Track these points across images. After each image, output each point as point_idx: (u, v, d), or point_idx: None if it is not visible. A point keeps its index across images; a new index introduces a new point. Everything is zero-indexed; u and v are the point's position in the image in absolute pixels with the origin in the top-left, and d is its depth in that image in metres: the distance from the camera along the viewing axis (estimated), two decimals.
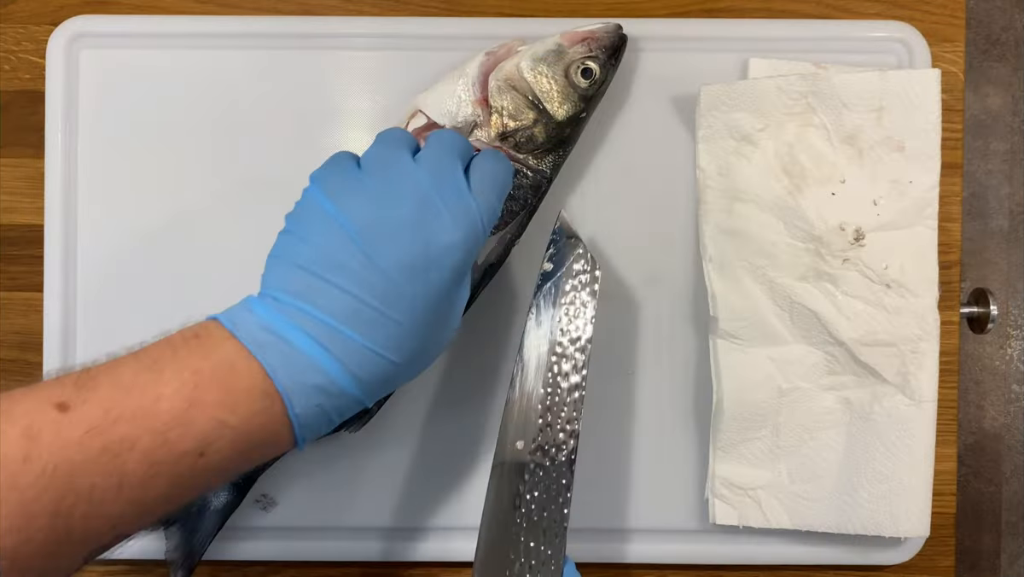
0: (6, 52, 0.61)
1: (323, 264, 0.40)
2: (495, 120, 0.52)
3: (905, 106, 0.55)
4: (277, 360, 0.38)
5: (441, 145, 0.44)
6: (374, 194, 0.41)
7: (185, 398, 0.37)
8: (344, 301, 0.39)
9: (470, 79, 0.53)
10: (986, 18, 1.26)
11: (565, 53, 0.53)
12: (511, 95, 0.53)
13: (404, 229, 0.40)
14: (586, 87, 0.53)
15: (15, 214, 0.60)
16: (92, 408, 0.35)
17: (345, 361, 0.39)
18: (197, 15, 0.60)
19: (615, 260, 0.59)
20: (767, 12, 0.61)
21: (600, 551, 0.59)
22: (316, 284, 0.39)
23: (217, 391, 0.37)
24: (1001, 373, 1.24)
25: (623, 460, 0.59)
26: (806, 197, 0.55)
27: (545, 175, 0.54)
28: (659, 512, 0.59)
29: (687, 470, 0.59)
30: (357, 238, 0.40)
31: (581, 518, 0.59)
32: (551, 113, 0.53)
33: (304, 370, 0.38)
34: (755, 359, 0.56)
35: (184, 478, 0.37)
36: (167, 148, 0.59)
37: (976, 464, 1.24)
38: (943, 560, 0.61)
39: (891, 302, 0.55)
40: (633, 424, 0.59)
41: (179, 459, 0.36)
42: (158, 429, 0.36)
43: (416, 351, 0.41)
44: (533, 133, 0.53)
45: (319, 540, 0.58)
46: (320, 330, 0.39)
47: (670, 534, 0.59)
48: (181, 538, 0.55)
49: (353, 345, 0.39)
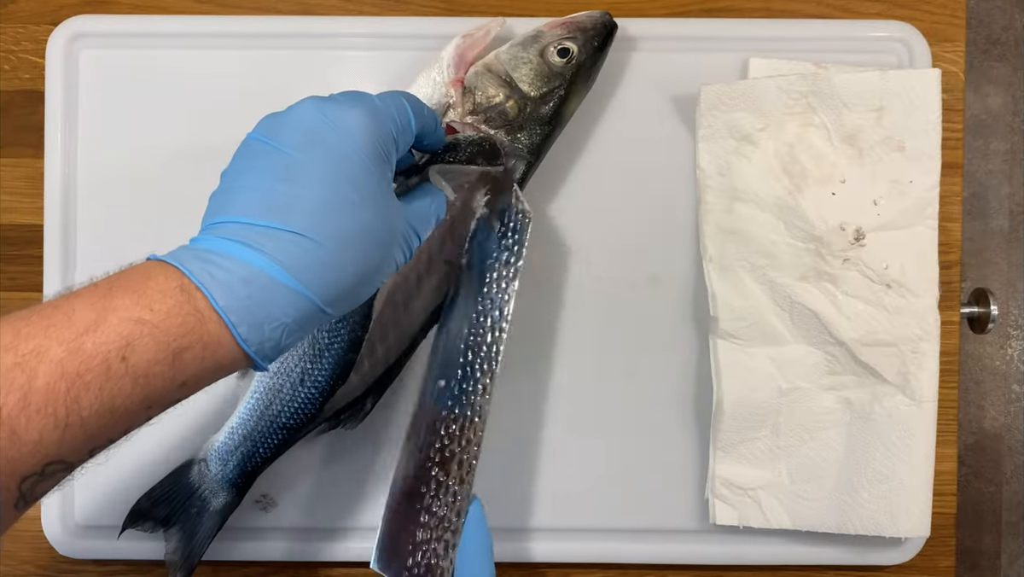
0: (6, 52, 0.61)
1: (237, 174, 0.41)
2: (467, 98, 0.52)
3: (905, 106, 0.55)
4: (195, 263, 0.38)
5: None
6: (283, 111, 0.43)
7: (97, 306, 0.36)
8: (255, 196, 0.40)
9: (445, 61, 0.53)
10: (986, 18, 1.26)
11: (543, 36, 0.54)
12: (486, 76, 0.53)
13: (302, 115, 0.42)
14: (561, 66, 0.53)
15: (15, 214, 0.60)
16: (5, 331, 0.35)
17: (263, 248, 0.39)
18: (197, 15, 0.60)
19: (615, 260, 0.59)
20: (767, 12, 0.61)
21: (600, 551, 0.59)
22: (230, 195, 0.41)
23: (131, 295, 0.37)
24: (1001, 373, 1.24)
25: (623, 460, 0.59)
26: (806, 197, 0.55)
27: (522, 153, 0.53)
28: (659, 512, 0.59)
29: (687, 470, 0.59)
30: (263, 138, 0.41)
31: (581, 518, 0.59)
32: (523, 91, 0.53)
33: (223, 264, 0.38)
34: (755, 359, 0.56)
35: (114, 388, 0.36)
36: (167, 148, 0.59)
37: (976, 464, 1.23)
38: (943, 560, 0.61)
39: (891, 302, 0.55)
40: (633, 424, 0.59)
41: (100, 367, 0.35)
42: (69, 338, 0.35)
43: (344, 231, 0.40)
44: (505, 108, 0.52)
45: (319, 540, 0.58)
46: (237, 230, 0.39)
47: (670, 534, 0.59)
48: (181, 539, 0.55)
49: (267, 231, 0.39)
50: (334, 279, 0.40)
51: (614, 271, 0.59)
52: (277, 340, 0.39)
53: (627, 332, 0.59)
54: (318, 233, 0.39)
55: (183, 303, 0.37)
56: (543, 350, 0.59)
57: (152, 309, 0.37)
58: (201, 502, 0.55)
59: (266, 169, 0.40)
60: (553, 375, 0.59)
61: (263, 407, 0.53)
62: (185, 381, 0.38)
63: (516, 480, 0.59)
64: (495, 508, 0.58)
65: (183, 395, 0.39)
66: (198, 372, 0.38)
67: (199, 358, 0.38)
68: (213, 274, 0.38)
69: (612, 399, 0.59)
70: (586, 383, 0.59)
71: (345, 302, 0.41)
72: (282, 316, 0.39)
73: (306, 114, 0.42)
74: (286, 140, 0.41)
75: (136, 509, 0.55)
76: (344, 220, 0.40)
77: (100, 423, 0.36)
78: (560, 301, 0.59)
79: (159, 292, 0.37)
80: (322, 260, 0.39)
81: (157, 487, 0.55)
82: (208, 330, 0.38)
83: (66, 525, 0.59)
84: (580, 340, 0.59)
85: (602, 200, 0.59)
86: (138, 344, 0.36)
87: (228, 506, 0.55)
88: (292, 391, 0.53)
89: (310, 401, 0.53)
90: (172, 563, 0.55)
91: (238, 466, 0.54)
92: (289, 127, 0.41)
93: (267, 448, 0.54)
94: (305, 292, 0.39)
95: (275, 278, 0.39)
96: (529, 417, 0.59)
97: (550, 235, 0.59)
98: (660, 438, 0.59)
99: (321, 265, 0.40)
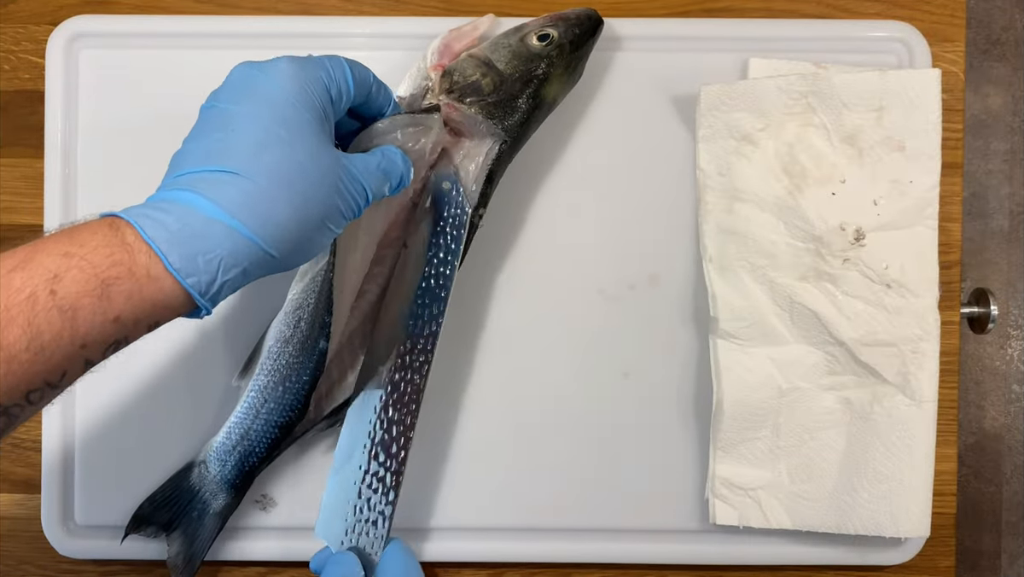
0: (6, 52, 0.61)
1: (185, 142, 0.43)
2: (444, 79, 0.53)
3: (905, 106, 0.55)
4: (134, 210, 0.39)
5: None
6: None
7: (28, 249, 0.37)
8: (196, 148, 0.42)
9: (430, 50, 0.54)
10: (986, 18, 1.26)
11: (526, 26, 0.54)
12: (466, 60, 0.53)
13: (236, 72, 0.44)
14: (540, 48, 0.53)
15: (15, 214, 0.60)
16: None
17: (199, 189, 0.40)
18: (197, 15, 0.60)
19: (615, 260, 0.59)
20: (767, 12, 0.61)
21: (600, 551, 0.59)
22: (176, 159, 0.42)
23: (62, 237, 0.38)
24: (1001, 373, 1.24)
25: (623, 460, 0.59)
26: (806, 197, 0.55)
27: (497, 132, 0.53)
28: (659, 512, 0.59)
29: (687, 470, 0.59)
30: (207, 103, 0.43)
31: (581, 518, 0.59)
32: (499, 68, 0.53)
33: (161, 207, 0.39)
34: (755, 359, 0.56)
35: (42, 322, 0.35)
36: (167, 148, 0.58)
37: (976, 464, 1.23)
38: (943, 560, 0.61)
39: (891, 302, 0.55)
40: (633, 424, 0.59)
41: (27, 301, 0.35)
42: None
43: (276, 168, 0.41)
44: (480, 84, 0.52)
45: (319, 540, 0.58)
46: (179, 180, 0.41)
47: (670, 534, 0.59)
48: (183, 543, 0.55)
49: (205, 175, 0.40)
50: (268, 214, 0.41)
51: (614, 271, 0.59)
52: (213, 274, 0.39)
53: (627, 332, 0.59)
54: (250, 170, 0.40)
55: (111, 237, 0.38)
56: (543, 350, 0.59)
57: (82, 245, 0.37)
58: (202, 505, 0.55)
59: (205, 125, 0.42)
60: (553, 375, 0.59)
61: (258, 405, 0.53)
62: (118, 316, 0.38)
63: (516, 480, 0.59)
64: (495, 508, 0.59)
65: (119, 333, 0.38)
66: (131, 307, 0.38)
67: (129, 291, 0.38)
68: (145, 213, 0.39)
69: (612, 399, 0.59)
70: (586, 383, 0.59)
71: (288, 245, 0.42)
72: (217, 248, 0.39)
73: (237, 70, 0.44)
74: (222, 97, 0.43)
75: (138, 514, 0.55)
76: (275, 157, 0.41)
77: (30, 360, 0.36)
78: (560, 301, 0.59)
79: (89, 231, 0.38)
80: (254, 196, 0.40)
81: (158, 492, 0.55)
82: (137, 261, 0.38)
83: (66, 525, 0.59)
84: (580, 340, 0.59)
85: (602, 200, 0.59)
86: (65, 276, 0.36)
87: (228, 507, 0.55)
88: (282, 386, 0.53)
89: (297, 396, 0.53)
90: (175, 566, 0.55)
91: (236, 466, 0.54)
92: (225, 87, 0.44)
93: (263, 446, 0.54)
94: (240, 227, 0.40)
95: (208, 215, 0.39)
96: (529, 417, 0.59)
97: (550, 235, 0.59)
98: (660, 438, 0.59)
99: (254, 201, 0.40)
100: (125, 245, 0.38)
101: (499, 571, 0.61)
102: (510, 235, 0.59)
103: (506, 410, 0.58)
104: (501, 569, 0.61)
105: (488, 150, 0.53)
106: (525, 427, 0.59)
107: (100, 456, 0.58)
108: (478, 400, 0.59)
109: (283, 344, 0.53)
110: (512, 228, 0.59)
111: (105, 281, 0.37)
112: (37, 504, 0.59)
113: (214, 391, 0.58)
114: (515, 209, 0.59)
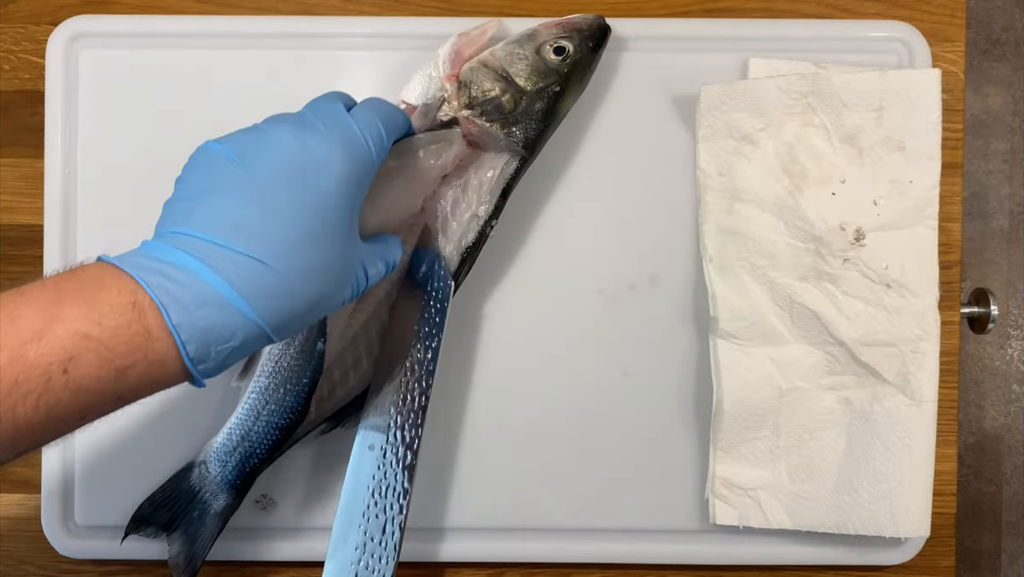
0: (6, 52, 0.61)
1: (203, 188, 0.41)
2: (463, 92, 0.53)
3: (905, 106, 0.55)
4: (151, 276, 0.38)
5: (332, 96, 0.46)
6: (255, 126, 0.43)
7: (44, 313, 0.35)
8: (222, 215, 0.39)
9: (441, 57, 0.54)
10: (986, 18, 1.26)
11: (539, 34, 0.54)
12: (482, 71, 0.53)
13: (281, 143, 0.41)
14: (558, 63, 0.54)
15: (15, 214, 0.60)
16: None
17: (222, 270, 0.38)
18: (197, 15, 0.60)
19: (615, 260, 0.59)
20: (767, 12, 0.61)
21: (600, 551, 0.59)
22: (195, 207, 0.40)
23: (81, 305, 0.36)
24: (1001, 373, 1.24)
25: (623, 460, 0.59)
26: (806, 197, 0.55)
27: (516, 148, 0.54)
28: (659, 512, 0.59)
29: (687, 470, 0.59)
30: (235, 158, 0.41)
31: (581, 518, 0.59)
32: (519, 85, 0.53)
33: (179, 279, 0.38)
34: (755, 359, 0.56)
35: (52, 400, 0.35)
36: (167, 148, 0.58)
37: (976, 464, 1.23)
38: (943, 560, 0.61)
39: (891, 302, 0.55)
40: (633, 424, 0.59)
41: (41, 378, 0.35)
42: (12, 346, 0.34)
43: (306, 266, 0.40)
44: (501, 102, 0.53)
45: (319, 540, 0.58)
46: (197, 246, 0.39)
47: (670, 534, 0.59)
48: (184, 543, 0.55)
49: (230, 254, 0.39)
50: (286, 309, 0.40)
51: (614, 271, 0.59)
52: (221, 361, 0.39)
53: (627, 332, 0.59)
54: (281, 265, 0.39)
55: (133, 321, 0.37)
56: (543, 350, 0.59)
57: (101, 324, 0.36)
58: (202, 505, 0.55)
59: (236, 190, 0.40)
60: (553, 375, 0.59)
61: (259, 407, 0.53)
62: (123, 396, 0.38)
63: (516, 479, 0.59)
64: (495, 508, 0.59)
65: (118, 407, 0.39)
66: (138, 387, 0.38)
67: (141, 375, 0.38)
68: (170, 291, 0.37)
69: (612, 399, 0.59)
70: (586, 383, 0.59)
71: (289, 330, 0.41)
72: (231, 339, 0.39)
73: (284, 143, 0.41)
74: (261, 166, 0.41)
75: (138, 514, 0.55)
76: (308, 256, 0.40)
77: (33, 431, 0.36)
78: (560, 301, 0.59)
79: (110, 306, 0.36)
80: (278, 291, 0.40)
81: (158, 492, 0.55)
82: (154, 348, 0.37)
83: (66, 525, 0.59)
84: (580, 340, 0.59)
85: (602, 200, 0.59)
86: (82, 359, 0.36)
87: (228, 508, 0.55)
88: (283, 388, 0.53)
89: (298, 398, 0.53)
90: (176, 567, 0.55)
91: (237, 467, 0.54)
92: (265, 153, 0.41)
93: (264, 448, 0.54)
94: (257, 320, 0.39)
95: (230, 303, 0.38)
96: (528, 417, 0.59)
97: (550, 235, 0.59)
98: (660, 438, 0.59)
99: (276, 295, 0.40)
100: (146, 331, 0.37)
101: (499, 571, 0.61)
102: (510, 235, 0.59)
103: (506, 410, 0.58)
104: (501, 569, 0.61)
105: (505, 164, 0.54)
106: (525, 427, 0.59)
107: (100, 456, 0.58)
108: (478, 400, 0.59)
109: (284, 346, 0.53)
110: (512, 228, 0.59)
111: (120, 367, 0.37)
112: (37, 504, 0.59)
113: (214, 392, 0.58)
114: (515, 209, 0.59)
